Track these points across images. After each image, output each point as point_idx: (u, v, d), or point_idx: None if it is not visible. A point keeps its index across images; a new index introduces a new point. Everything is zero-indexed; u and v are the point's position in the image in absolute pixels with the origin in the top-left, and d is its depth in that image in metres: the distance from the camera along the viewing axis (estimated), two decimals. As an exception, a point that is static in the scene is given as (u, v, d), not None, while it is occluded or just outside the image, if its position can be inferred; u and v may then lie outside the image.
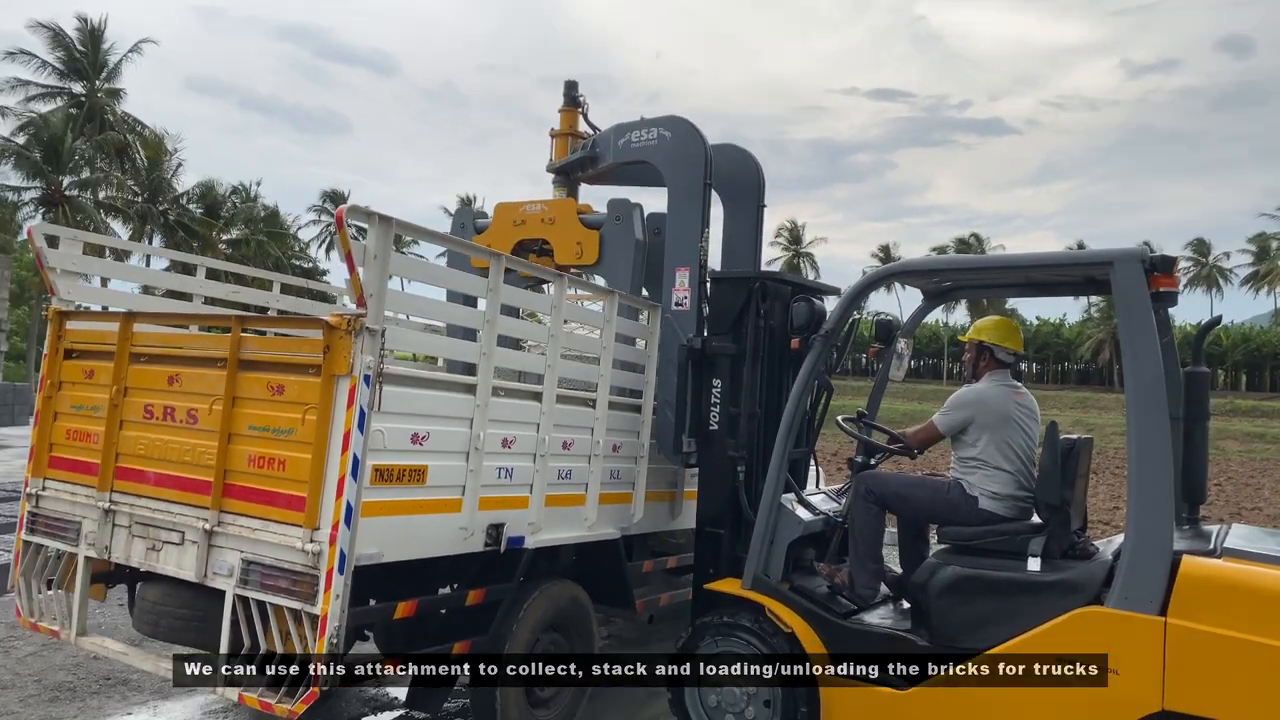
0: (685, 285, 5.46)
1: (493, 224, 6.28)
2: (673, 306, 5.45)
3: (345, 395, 3.59)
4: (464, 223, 6.51)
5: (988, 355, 4.62)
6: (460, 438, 4.09)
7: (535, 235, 6.09)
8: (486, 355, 4.20)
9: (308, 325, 4.00)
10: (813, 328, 4.66)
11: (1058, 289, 5.06)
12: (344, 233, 3.54)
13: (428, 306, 4.47)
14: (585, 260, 5.92)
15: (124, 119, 40.19)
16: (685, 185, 5.52)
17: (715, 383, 5.18)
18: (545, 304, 4.90)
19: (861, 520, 4.56)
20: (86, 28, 38.68)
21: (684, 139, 5.58)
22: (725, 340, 5.16)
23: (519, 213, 6.17)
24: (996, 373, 4.60)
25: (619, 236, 5.81)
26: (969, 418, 4.44)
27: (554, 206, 6.14)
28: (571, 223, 6.01)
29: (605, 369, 5.01)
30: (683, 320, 5.40)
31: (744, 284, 5.15)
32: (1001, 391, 4.50)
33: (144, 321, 4.47)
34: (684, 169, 5.54)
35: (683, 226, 5.51)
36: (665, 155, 5.64)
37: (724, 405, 5.12)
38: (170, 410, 4.16)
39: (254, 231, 48.23)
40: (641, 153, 5.79)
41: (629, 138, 5.85)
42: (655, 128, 5.72)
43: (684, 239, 5.49)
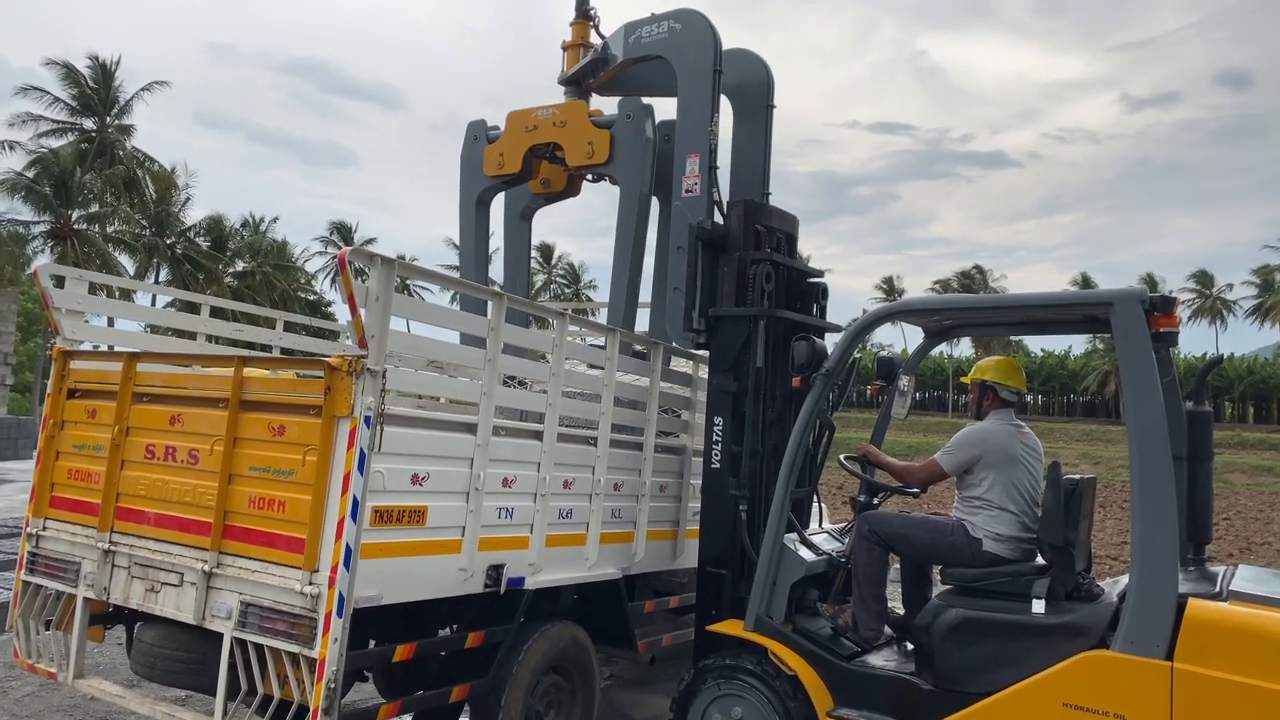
0: (695, 172, 5.48)
1: (505, 133, 6.28)
2: (683, 194, 5.48)
3: (346, 436, 3.59)
4: (476, 135, 6.48)
5: (991, 394, 4.62)
6: (460, 478, 4.08)
7: (546, 139, 6.10)
8: (488, 395, 4.20)
9: (309, 366, 4.01)
10: (813, 366, 4.66)
11: (1058, 327, 5.06)
12: (346, 275, 3.57)
13: (430, 347, 4.48)
14: (596, 159, 5.90)
15: (133, 154, 40.62)
16: (695, 73, 5.55)
17: (716, 420, 5.16)
18: (547, 341, 4.91)
19: (864, 561, 4.53)
20: (98, 65, 39.22)
21: (694, 28, 5.63)
22: (726, 377, 5.16)
23: (531, 118, 6.17)
24: (1000, 411, 4.59)
25: (630, 135, 5.80)
26: (974, 457, 4.42)
27: (565, 109, 6.14)
28: (583, 123, 5.99)
29: (606, 406, 5.00)
30: (693, 206, 5.41)
31: (745, 321, 5.15)
32: (1007, 431, 4.48)
33: (147, 361, 4.49)
34: (694, 57, 5.58)
35: (693, 114, 5.54)
36: (676, 46, 5.69)
37: (725, 443, 5.10)
38: (172, 450, 4.16)
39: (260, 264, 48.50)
40: (652, 47, 5.81)
41: (639, 34, 5.86)
42: (665, 21, 5.76)
43: (694, 126, 5.52)
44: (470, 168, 6.43)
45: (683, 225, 5.37)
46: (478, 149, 6.39)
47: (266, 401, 3.94)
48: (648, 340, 5.65)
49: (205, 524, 3.91)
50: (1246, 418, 68.79)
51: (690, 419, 6.07)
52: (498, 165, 6.25)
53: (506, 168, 6.24)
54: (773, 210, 5.53)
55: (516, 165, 6.20)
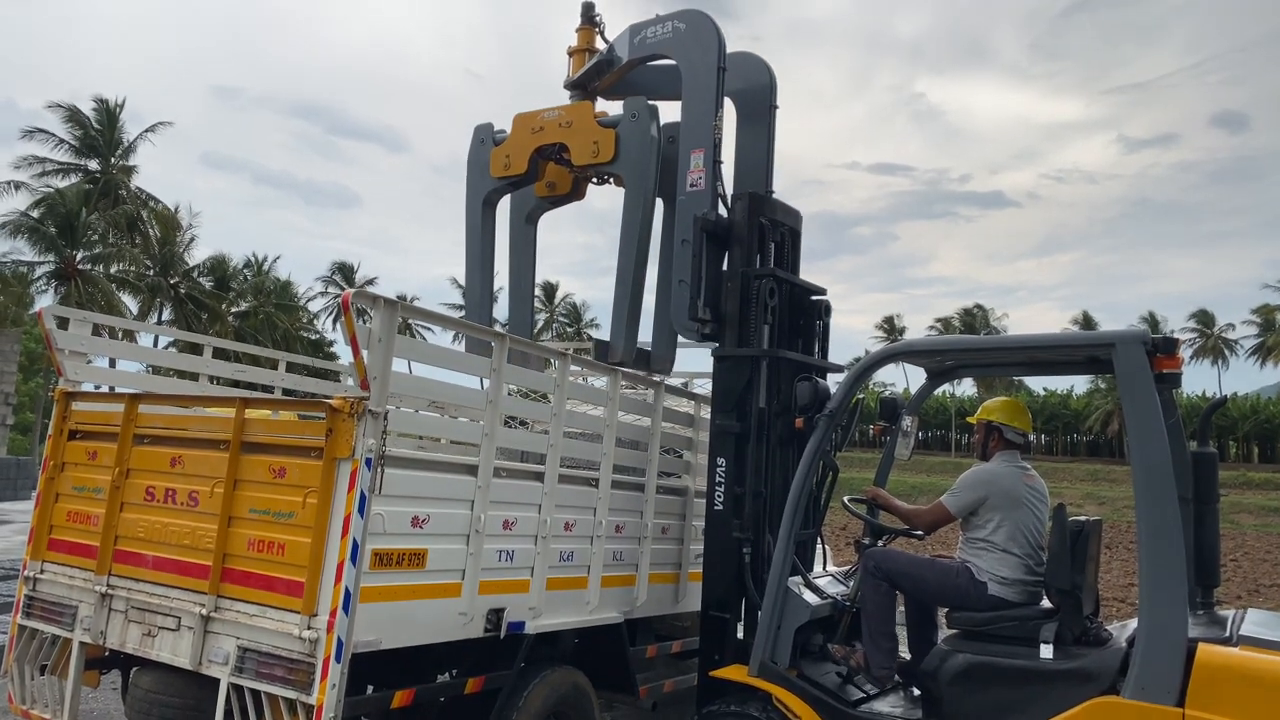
0: (699, 166, 5.50)
1: (511, 135, 6.31)
2: (687, 189, 5.50)
3: (346, 478, 3.58)
4: (483, 139, 6.51)
5: (997, 435, 4.59)
6: (461, 520, 4.05)
7: (552, 140, 6.12)
8: (489, 436, 4.19)
9: (311, 407, 4.01)
10: (816, 407, 4.63)
11: (1061, 368, 5.03)
12: (349, 316, 3.58)
13: (431, 388, 4.48)
14: (601, 158, 5.91)
15: (137, 194, 41.01)
16: (699, 69, 5.62)
17: (720, 462, 5.12)
18: (549, 382, 4.91)
19: (872, 598, 4.47)
20: (104, 107, 39.74)
21: (698, 27, 5.71)
22: (729, 418, 5.12)
23: (537, 120, 6.20)
24: (1006, 453, 4.55)
25: (635, 133, 5.82)
26: (980, 499, 4.38)
27: (571, 110, 6.18)
28: (588, 123, 6.02)
29: (608, 447, 4.99)
30: (697, 200, 5.44)
31: (748, 362, 5.13)
32: (1013, 473, 4.45)
33: (149, 402, 4.49)
34: (698, 54, 5.65)
35: (697, 110, 5.59)
36: (680, 45, 5.76)
37: (729, 485, 5.05)
38: (171, 492, 4.14)
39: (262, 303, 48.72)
40: (656, 46, 5.88)
41: (644, 34, 5.93)
42: (670, 21, 5.83)
43: (698, 121, 5.56)
44: (477, 170, 6.47)
45: (687, 219, 5.39)
46: (484, 151, 6.44)
47: (268, 443, 3.93)
48: (650, 380, 5.65)
49: (204, 567, 3.88)
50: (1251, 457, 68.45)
51: (692, 459, 6.05)
52: (504, 167, 6.30)
53: (513, 169, 6.28)
54: (777, 204, 5.56)
55: (522, 166, 6.23)
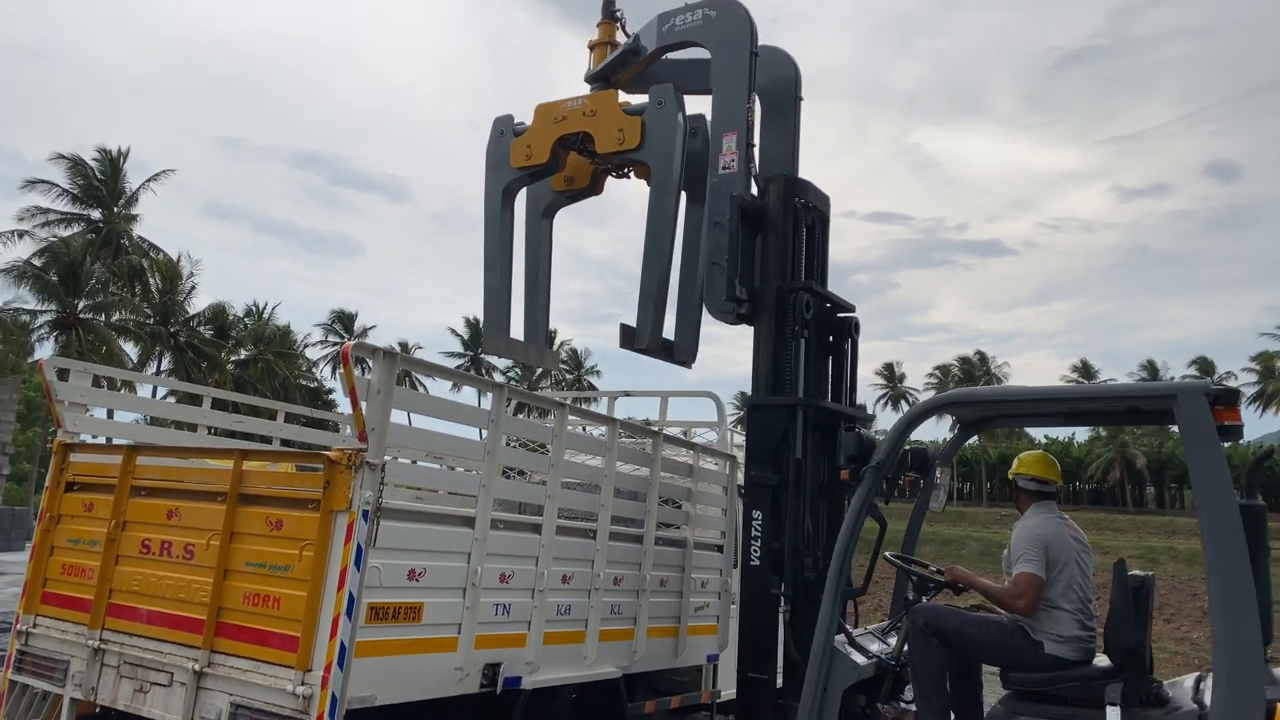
0: (733, 149, 5.52)
1: (532, 125, 6.28)
2: (720, 171, 5.50)
3: (343, 531, 3.57)
4: (503, 130, 6.45)
5: (1030, 490, 4.52)
6: (457, 573, 4.03)
7: (576, 129, 6.09)
8: (486, 487, 4.19)
9: (309, 459, 4.01)
10: (862, 459, 4.46)
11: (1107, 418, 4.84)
12: (349, 368, 3.60)
13: (429, 439, 4.48)
14: (627, 145, 5.88)
15: (139, 243, 41.29)
16: (731, 55, 5.67)
17: (756, 515, 4.93)
18: (547, 432, 4.90)
19: (922, 657, 4.27)
20: (107, 158, 40.20)
21: (730, 14, 5.77)
22: (765, 469, 4.95)
23: (559, 110, 6.17)
24: (1042, 504, 4.45)
25: (662, 120, 5.79)
26: (1042, 550, 4.22)
27: (595, 99, 6.17)
28: (613, 111, 6.00)
29: (606, 498, 4.97)
30: (730, 183, 5.43)
31: (784, 411, 4.99)
32: (1058, 525, 4.34)
33: (147, 454, 4.49)
34: (730, 39, 5.70)
35: (729, 94, 5.61)
36: (711, 31, 5.83)
37: (765, 539, 4.86)
38: (167, 545, 4.12)
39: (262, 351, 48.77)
40: (686, 34, 5.93)
41: (673, 23, 5.98)
42: (700, 9, 5.89)
43: (731, 105, 5.59)
44: (496, 161, 6.40)
45: (721, 201, 5.40)
46: (504, 143, 6.38)
47: (265, 495, 3.93)
48: (648, 430, 5.64)
49: (198, 621, 3.85)
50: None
51: (691, 510, 6.02)
52: (525, 157, 6.25)
53: (534, 158, 6.22)
54: (810, 186, 5.59)
55: (544, 155, 6.19)
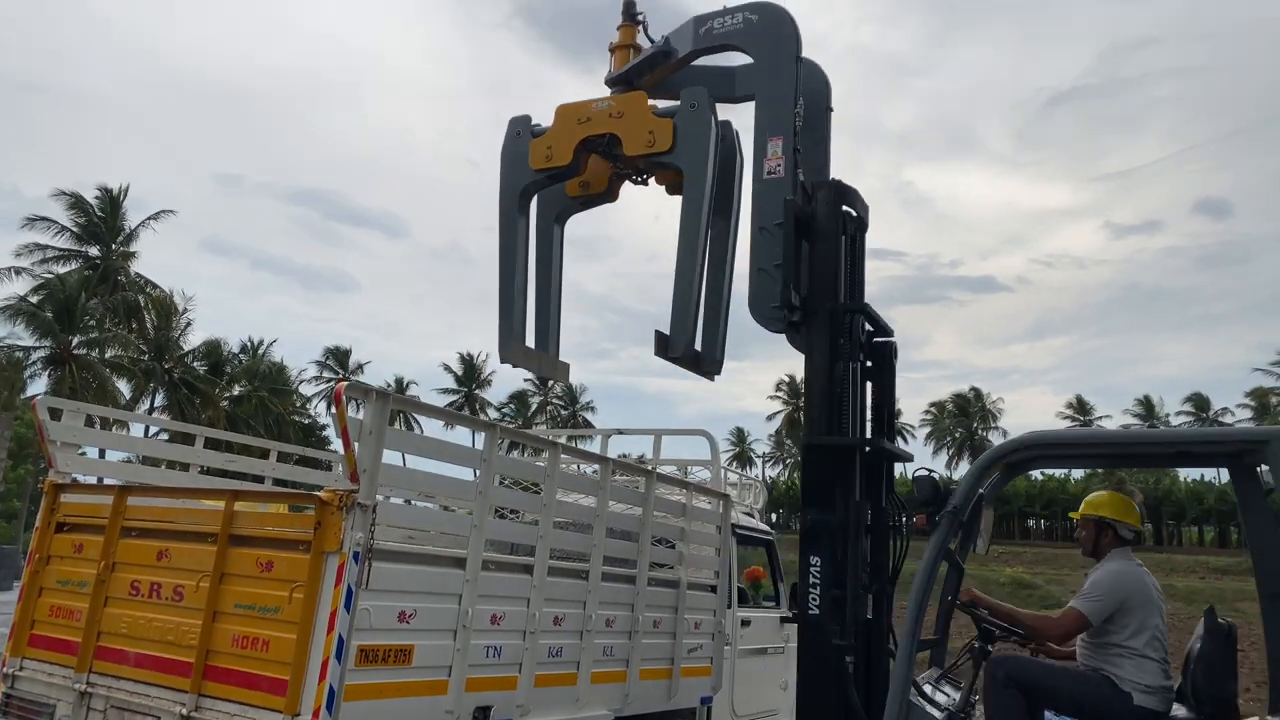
0: (779, 154, 5.44)
1: (554, 126, 6.08)
2: (765, 176, 5.43)
3: (334, 572, 3.56)
4: (519, 131, 6.22)
5: (1110, 532, 4.36)
6: (448, 614, 4.01)
7: (601, 130, 5.91)
8: (478, 527, 4.18)
9: (301, 500, 4.01)
10: (938, 504, 4.22)
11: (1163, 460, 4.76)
12: (341, 409, 3.61)
13: (421, 480, 4.47)
14: (658, 148, 5.75)
15: (136, 280, 41.40)
16: (776, 58, 5.62)
17: (813, 561, 4.74)
18: (539, 472, 4.90)
19: (1004, 711, 4.09)
20: (107, 195, 40.44)
21: (774, 18, 5.73)
22: (824, 512, 4.78)
23: (583, 111, 5.99)
24: (1120, 549, 4.32)
25: (695, 122, 5.67)
26: (1120, 602, 4.11)
27: (622, 100, 6.01)
28: (642, 113, 5.86)
29: (599, 538, 4.96)
30: (777, 187, 5.35)
31: (843, 452, 4.88)
32: (1142, 572, 4.23)
33: (139, 494, 4.48)
34: (774, 43, 5.66)
35: (774, 98, 5.55)
36: (752, 35, 5.76)
37: (825, 587, 4.67)
38: (157, 587, 4.10)
39: (256, 388, 48.70)
40: (726, 37, 5.84)
41: (710, 25, 5.88)
42: (740, 12, 5.82)
43: (776, 109, 5.52)
44: (513, 162, 6.18)
45: (767, 205, 5.35)
46: (521, 143, 6.16)
47: (256, 536, 3.91)
48: (642, 469, 5.65)
49: (186, 664, 3.81)
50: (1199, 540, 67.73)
51: (684, 550, 6.00)
52: (545, 158, 6.05)
53: (555, 160, 6.03)
54: (856, 194, 5.56)
55: (567, 157, 6.00)
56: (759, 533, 7.73)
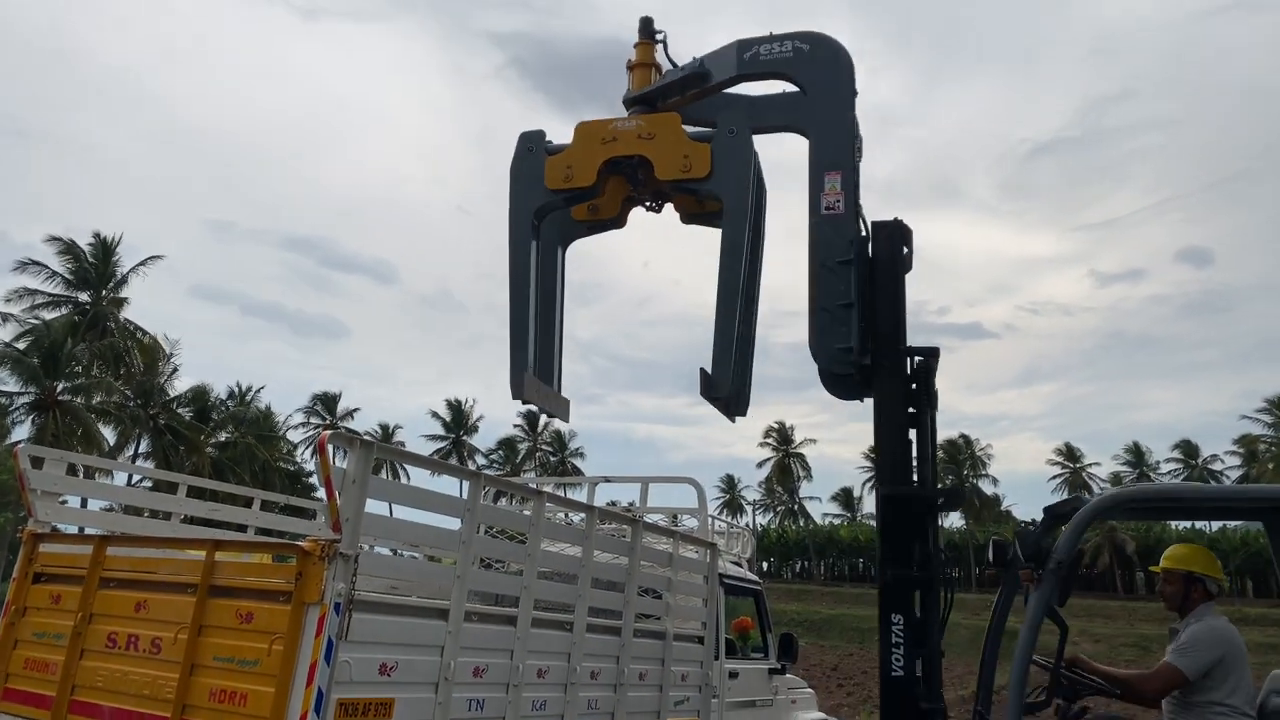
0: (837, 189, 5.30)
1: (573, 144, 5.72)
2: (822, 211, 5.26)
3: (314, 624, 3.51)
4: (531, 147, 5.81)
5: (1199, 587, 4.28)
6: (430, 667, 3.95)
7: (628, 152, 5.60)
8: (461, 578, 4.14)
9: (282, 550, 3.98)
10: (1040, 560, 4.16)
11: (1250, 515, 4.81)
12: (325, 458, 3.60)
13: (404, 529, 4.44)
14: (694, 174, 5.52)
15: (125, 326, 41.29)
16: (831, 92, 5.51)
17: (895, 619, 4.62)
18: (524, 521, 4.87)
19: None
20: (99, 242, 40.51)
21: (828, 50, 5.64)
22: (906, 567, 4.66)
23: (607, 130, 5.66)
24: (1207, 604, 4.26)
25: (735, 149, 5.48)
26: (1217, 658, 4.05)
27: (653, 122, 5.72)
28: (677, 136, 5.59)
29: (584, 588, 4.92)
30: (837, 226, 5.20)
31: (921, 503, 4.78)
32: (1234, 628, 4.20)
33: (118, 544, 4.43)
34: (829, 76, 5.56)
35: (831, 131, 5.41)
36: (803, 65, 5.62)
37: (909, 646, 4.54)
38: (134, 639, 4.03)
39: (243, 434, 48.34)
40: (773, 65, 5.68)
41: (756, 51, 5.70)
42: (789, 41, 5.67)
43: (834, 143, 5.39)
44: (525, 180, 5.76)
45: (828, 242, 5.23)
46: (535, 161, 5.76)
47: (236, 587, 3.87)
48: (628, 517, 5.62)
49: (162, 719, 3.74)
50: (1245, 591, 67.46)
51: (671, 600, 5.95)
52: (564, 178, 5.64)
53: (576, 180, 5.64)
54: (910, 233, 5.44)
55: (590, 178, 5.64)
56: (747, 582, 7.69)
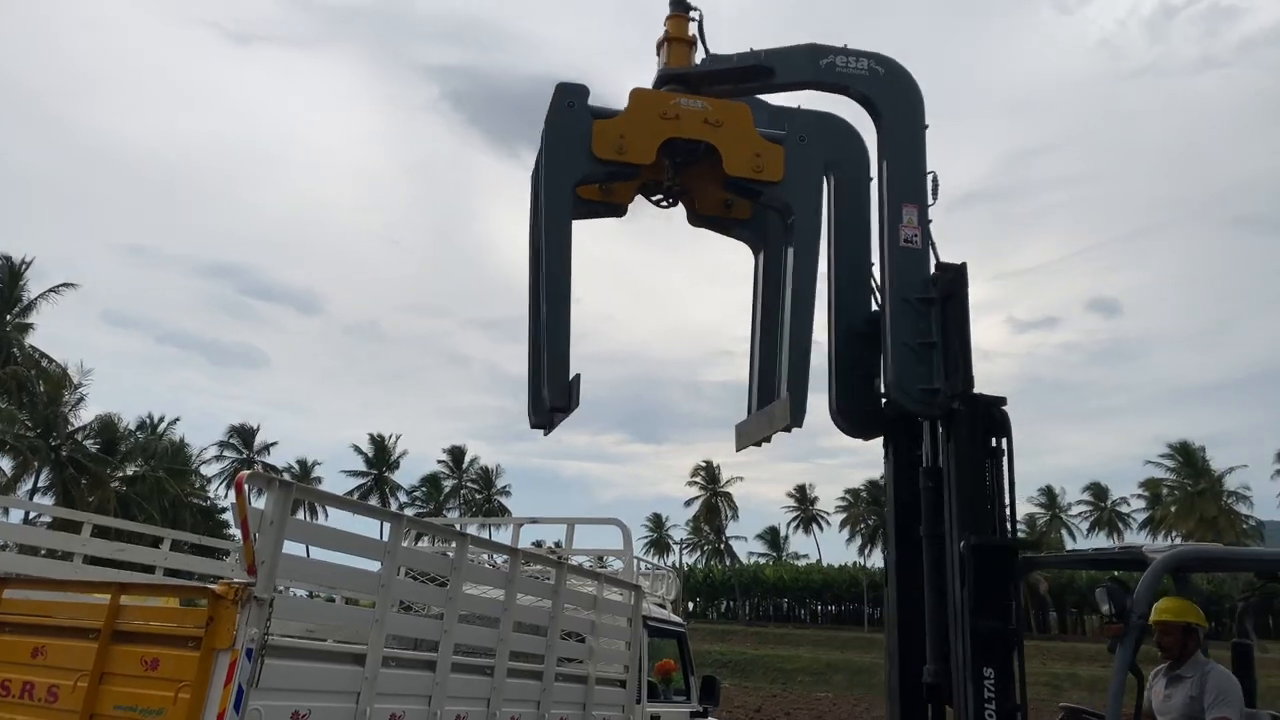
0: (914, 223, 5.20)
1: (629, 112, 5.10)
2: (901, 244, 5.15)
3: (224, 671, 3.40)
4: (572, 102, 5.03)
5: (1194, 637, 4.50)
6: (345, 714, 3.86)
7: (693, 135, 5.13)
8: (379, 622, 4.07)
9: (193, 593, 3.86)
10: (1123, 615, 4.21)
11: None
12: (242, 499, 3.53)
13: (322, 572, 4.35)
14: (766, 176, 5.20)
15: (30, 353, 39.50)
16: (905, 122, 5.43)
17: (987, 673, 4.57)
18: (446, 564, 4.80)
19: None
20: (7, 265, 38.81)
21: (904, 79, 5.56)
22: (998, 620, 4.64)
23: (668, 105, 5.14)
24: (1201, 651, 4.48)
25: (809, 159, 5.25)
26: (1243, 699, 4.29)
27: (721, 109, 5.28)
28: (747, 131, 5.24)
29: (505, 632, 4.87)
30: (914, 258, 5.10)
31: (1010, 554, 4.80)
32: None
33: (15, 587, 4.22)
34: (903, 105, 5.47)
35: (905, 162, 5.31)
36: (878, 88, 5.50)
37: (1000, 699, 4.51)
38: (29, 687, 3.84)
39: (153, 468, 46.45)
40: (850, 80, 5.55)
41: (832, 61, 5.54)
42: (865, 59, 5.56)
43: (909, 175, 5.27)
44: (568, 144, 4.99)
45: (907, 276, 5.14)
46: (579, 121, 5.00)
47: (141, 632, 3.73)
48: (552, 560, 5.58)
49: (54, 774, 3.57)
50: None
51: (593, 644, 5.92)
52: (616, 149, 4.96)
53: (630, 154, 5.00)
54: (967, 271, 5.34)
55: (649, 155, 5.04)
56: (671, 624, 7.68)
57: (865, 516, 66.96)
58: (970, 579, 4.71)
